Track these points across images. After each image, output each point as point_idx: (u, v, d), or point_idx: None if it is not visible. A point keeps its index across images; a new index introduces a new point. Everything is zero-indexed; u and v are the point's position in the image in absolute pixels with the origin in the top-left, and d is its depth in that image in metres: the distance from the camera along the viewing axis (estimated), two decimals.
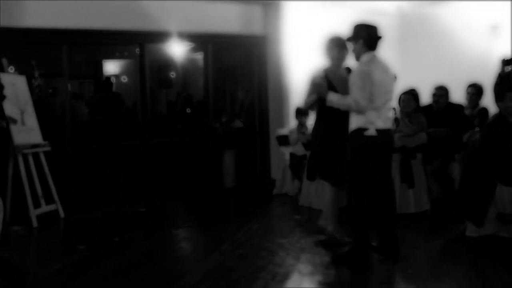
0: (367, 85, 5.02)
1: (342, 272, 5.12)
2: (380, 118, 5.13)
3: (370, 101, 5.04)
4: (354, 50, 5.31)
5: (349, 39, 5.32)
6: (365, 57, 5.19)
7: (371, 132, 5.07)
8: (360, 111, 5.08)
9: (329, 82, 5.55)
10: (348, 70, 5.66)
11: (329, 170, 5.73)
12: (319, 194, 7.18)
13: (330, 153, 5.63)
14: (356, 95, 5.06)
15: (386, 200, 5.39)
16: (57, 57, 8.35)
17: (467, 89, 7.77)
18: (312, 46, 5.76)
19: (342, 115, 5.35)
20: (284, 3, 9.29)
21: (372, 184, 5.21)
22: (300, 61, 8.65)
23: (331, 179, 5.77)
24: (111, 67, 13.35)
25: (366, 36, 5.20)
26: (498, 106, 6.16)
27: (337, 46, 5.63)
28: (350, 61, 5.62)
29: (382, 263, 5.30)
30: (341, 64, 5.72)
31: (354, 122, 5.17)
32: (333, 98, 5.32)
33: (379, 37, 5.24)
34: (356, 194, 5.18)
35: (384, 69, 5.21)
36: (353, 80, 5.13)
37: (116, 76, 13.25)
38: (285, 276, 5.01)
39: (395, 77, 5.48)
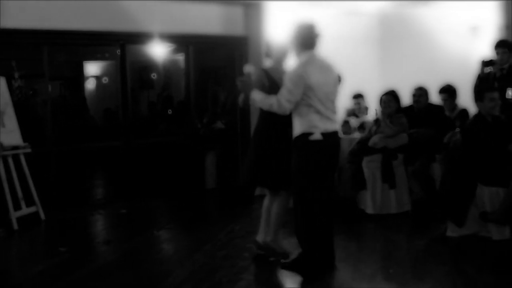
0: (296, 88, 4.84)
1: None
2: (322, 120, 4.93)
3: (295, 104, 4.86)
4: (293, 51, 5.15)
5: (290, 40, 5.15)
6: (303, 57, 5.02)
7: (317, 136, 4.90)
8: (281, 112, 4.92)
9: (273, 80, 5.34)
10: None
11: (269, 176, 5.40)
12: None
13: (271, 157, 5.34)
14: (281, 96, 4.89)
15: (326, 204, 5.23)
16: (37, 58, 8.29)
17: (439, 95, 7.80)
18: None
19: (283, 121, 5.15)
20: (265, 4, 9.28)
21: (317, 191, 5.07)
22: None
23: (270, 186, 5.51)
24: (92, 68, 13.28)
25: (302, 36, 5.04)
26: (478, 106, 6.20)
27: (278, 46, 5.51)
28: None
29: (364, 262, 5.33)
30: (281, 64, 5.49)
31: (298, 127, 4.99)
32: (256, 97, 5.10)
33: (316, 35, 5.05)
34: (303, 200, 5.02)
35: (324, 69, 5.04)
36: (285, 80, 4.96)
37: (97, 77, 13.19)
38: (267, 277, 5.02)
39: (339, 78, 5.23)
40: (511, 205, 5.69)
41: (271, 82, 5.33)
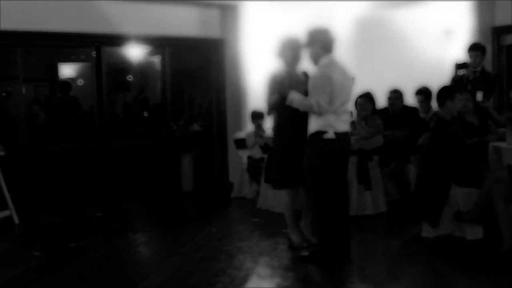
0: (327, 88, 5.05)
1: (300, 274, 5.16)
2: (338, 121, 5.17)
3: (329, 104, 5.08)
4: (311, 55, 5.34)
5: (306, 45, 5.36)
6: (324, 60, 5.22)
7: (330, 135, 5.11)
8: (321, 113, 5.09)
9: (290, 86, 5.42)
10: (305, 74, 5.62)
11: (284, 174, 5.61)
12: (277, 197, 7.20)
13: (289, 155, 5.55)
14: (318, 97, 5.07)
15: (340, 203, 5.42)
16: (11, 59, 8.20)
17: (415, 97, 7.88)
18: (269, 49, 5.74)
19: (302, 118, 5.34)
20: (241, 6, 9.30)
21: (329, 186, 5.25)
22: (258, 64, 8.67)
23: (285, 184, 5.70)
24: (67, 70, 13.15)
25: (323, 40, 5.26)
26: (447, 104, 6.18)
27: (290, 48, 5.56)
28: (305, 65, 5.62)
29: (339, 264, 5.35)
30: (296, 67, 5.64)
31: (313, 124, 5.19)
32: (294, 98, 5.24)
33: (333, 39, 5.30)
34: (316, 195, 5.24)
35: (342, 71, 5.26)
36: (315, 83, 5.14)
37: (73, 79, 13.05)
38: (244, 279, 5.03)
39: (353, 79, 5.49)
40: (484, 205, 5.76)
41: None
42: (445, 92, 6.23)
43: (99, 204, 8.51)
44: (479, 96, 6.96)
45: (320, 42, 5.25)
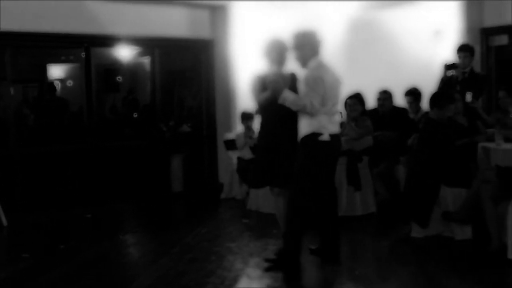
0: (320, 89, 5.03)
1: (290, 275, 5.16)
2: (330, 122, 5.15)
3: (322, 105, 5.07)
4: (299, 58, 5.29)
5: (293, 48, 5.33)
6: (313, 62, 5.20)
7: (325, 137, 5.08)
8: (313, 114, 5.04)
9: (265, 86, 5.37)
10: (293, 75, 5.55)
11: (259, 173, 5.53)
12: (267, 197, 7.20)
13: (274, 155, 5.40)
14: (312, 98, 5.03)
15: (330, 205, 5.42)
16: None
17: (405, 98, 7.92)
18: (259, 50, 5.72)
19: (290, 118, 5.30)
20: (231, 6, 9.30)
21: (319, 188, 5.25)
22: (247, 65, 8.65)
23: (261, 184, 5.70)
24: (57, 71, 13.09)
25: (311, 43, 5.25)
26: (434, 111, 6.23)
27: (275, 50, 5.47)
28: (292, 67, 5.59)
29: (330, 264, 5.36)
30: (281, 68, 5.51)
31: (306, 126, 5.13)
32: (288, 97, 5.10)
33: (320, 42, 5.30)
34: (302, 198, 5.16)
35: (332, 73, 5.25)
36: (308, 84, 5.10)
37: (62, 80, 13.01)
38: (234, 280, 5.02)
39: (340, 81, 5.45)
40: (472, 205, 5.79)
41: (264, 88, 5.37)
42: (438, 99, 6.26)
43: (89, 205, 8.48)
44: (468, 97, 7.01)
45: (309, 45, 5.24)
